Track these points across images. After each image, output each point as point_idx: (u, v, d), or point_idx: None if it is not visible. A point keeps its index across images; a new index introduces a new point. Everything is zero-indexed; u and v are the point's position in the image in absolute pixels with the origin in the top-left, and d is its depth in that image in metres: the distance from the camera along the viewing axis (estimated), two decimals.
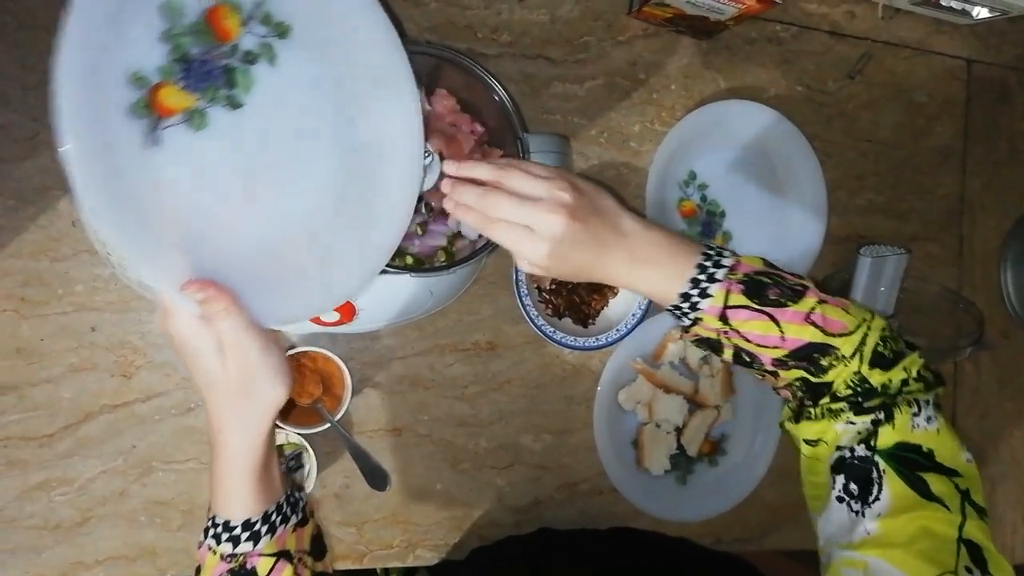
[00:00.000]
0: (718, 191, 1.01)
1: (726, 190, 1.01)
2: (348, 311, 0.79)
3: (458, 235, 0.78)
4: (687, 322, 0.64)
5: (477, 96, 0.77)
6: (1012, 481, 1.16)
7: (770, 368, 0.63)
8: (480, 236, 0.77)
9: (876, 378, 0.60)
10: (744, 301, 0.61)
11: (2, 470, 0.79)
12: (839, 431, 0.61)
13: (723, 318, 0.62)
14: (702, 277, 0.62)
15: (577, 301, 0.94)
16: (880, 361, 0.61)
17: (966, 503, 0.56)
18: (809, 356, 0.61)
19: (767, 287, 0.62)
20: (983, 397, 1.15)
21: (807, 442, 0.64)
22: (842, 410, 0.61)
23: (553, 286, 0.94)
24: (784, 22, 1.03)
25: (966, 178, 1.14)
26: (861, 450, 0.59)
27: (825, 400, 0.62)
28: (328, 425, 0.82)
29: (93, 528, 0.81)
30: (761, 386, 1.00)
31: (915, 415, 0.59)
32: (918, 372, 0.61)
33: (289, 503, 0.62)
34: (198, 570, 0.61)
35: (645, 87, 0.98)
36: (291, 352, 0.81)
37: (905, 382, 0.61)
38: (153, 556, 0.83)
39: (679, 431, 0.98)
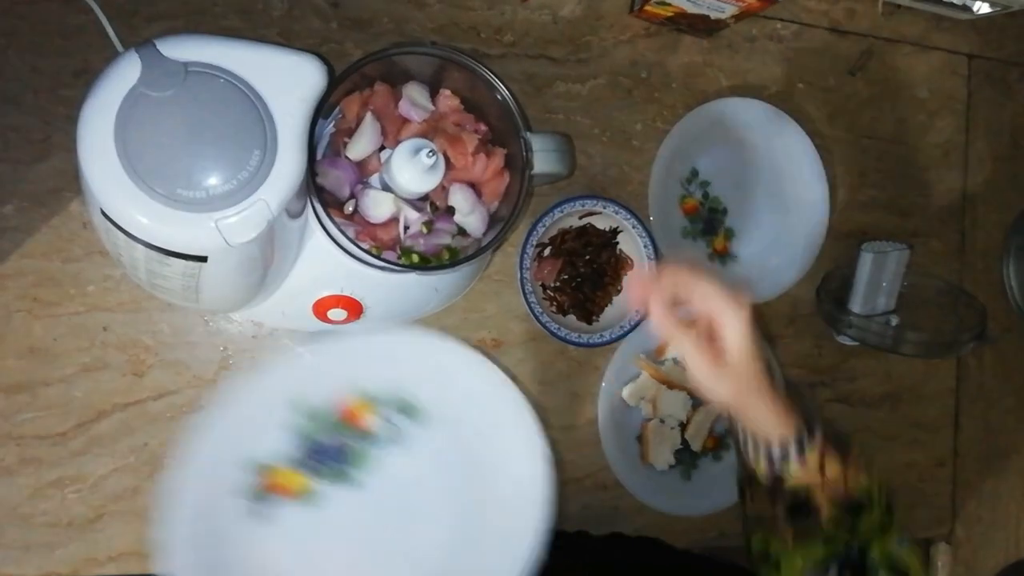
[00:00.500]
0: (720, 188, 1.02)
1: (728, 187, 1.02)
2: (355, 309, 0.80)
3: (463, 233, 0.79)
4: (801, 454, 0.66)
5: (480, 96, 0.78)
6: (1015, 475, 1.17)
7: (820, 520, 0.66)
8: (484, 234, 0.78)
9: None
10: (833, 452, 0.67)
11: (16, 468, 0.80)
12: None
13: (821, 467, 0.66)
14: (808, 424, 0.67)
15: (582, 298, 0.95)
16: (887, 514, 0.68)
17: None
18: (856, 510, 0.66)
19: (836, 432, 0.69)
20: (986, 392, 1.16)
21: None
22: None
23: (557, 283, 0.95)
24: (784, 19, 1.04)
25: (968, 173, 1.14)
26: (852, 552, 0.65)
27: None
28: None
29: (106, 525, 0.83)
30: None
31: (900, 541, 0.66)
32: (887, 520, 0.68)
33: None
34: None
35: (647, 86, 0.99)
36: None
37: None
38: None
39: (683, 426, 0.98)
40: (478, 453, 0.67)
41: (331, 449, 0.63)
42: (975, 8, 1.04)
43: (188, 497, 0.57)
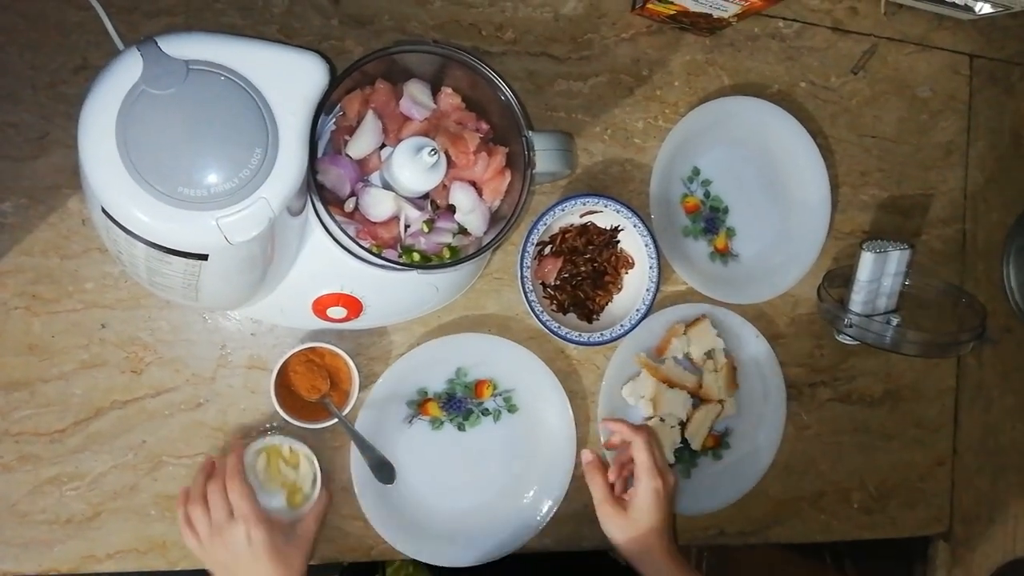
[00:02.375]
0: (721, 187, 1.02)
1: (729, 186, 1.02)
2: (355, 307, 0.80)
3: (463, 232, 0.78)
4: None
5: (482, 94, 0.77)
6: (1013, 474, 1.17)
7: None
8: (485, 232, 0.78)
9: None
10: None
11: (14, 465, 0.80)
12: None
13: None
14: None
15: (582, 297, 0.94)
16: None
17: None
18: None
19: None
20: (986, 391, 1.16)
21: None
22: None
23: (558, 282, 0.94)
24: (787, 18, 1.04)
25: (969, 173, 1.14)
26: None
27: None
28: (335, 420, 0.83)
29: (104, 522, 0.83)
30: (762, 380, 1.01)
31: None
32: None
33: None
34: None
35: (649, 84, 0.98)
36: (299, 348, 0.82)
37: None
38: (163, 549, 0.84)
39: (683, 425, 0.98)
40: (533, 433, 0.95)
41: (460, 403, 0.93)
42: (977, 8, 1.04)
43: (382, 393, 0.88)
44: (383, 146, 0.77)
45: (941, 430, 1.14)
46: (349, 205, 0.75)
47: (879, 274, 1.00)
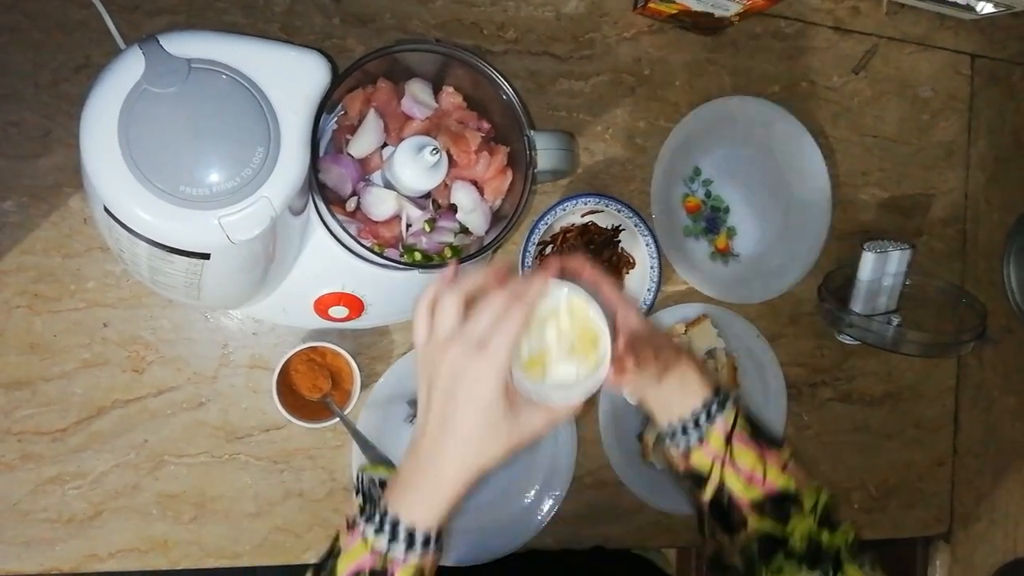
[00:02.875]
0: (723, 187, 1.02)
1: (731, 186, 1.02)
2: (357, 306, 0.80)
3: (465, 231, 0.78)
4: (693, 439, 0.65)
5: (484, 93, 0.78)
6: (1014, 474, 1.17)
7: (744, 514, 0.65)
8: (487, 232, 0.78)
9: (824, 537, 0.63)
10: (746, 427, 0.66)
11: (16, 464, 0.80)
12: None
13: (728, 439, 0.65)
14: (718, 397, 0.66)
15: None
16: (829, 521, 0.64)
17: None
18: (781, 505, 0.64)
19: (760, 425, 0.67)
20: (986, 391, 1.16)
21: None
22: (795, 570, 0.62)
23: None
24: (788, 18, 1.04)
25: (970, 173, 1.14)
26: None
27: (778, 558, 0.63)
28: (337, 419, 0.83)
29: (106, 521, 0.83)
30: (763, 380, 1.01)
31: (860, 567, 0.62)
32: (855, 537, 0.65)
33: (441, 535, 0.60)
34: (333, 547, 0.58)
35: (650, 83, 0.98)
36: (300, 348, 0.82)
37: (847, 544, 0.64)
38: (165, 548, 0.84)
39: None
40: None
41: None
42: (979, 8, 1.04)
43: (384, 392, 0.87)
44: (385, 145, 0.77)
45: (941, 430, 1.14)
46: (351, 204, 0.75)
47: (880, 274, 1.00)
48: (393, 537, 0.56)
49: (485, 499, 0.93)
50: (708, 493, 0.66)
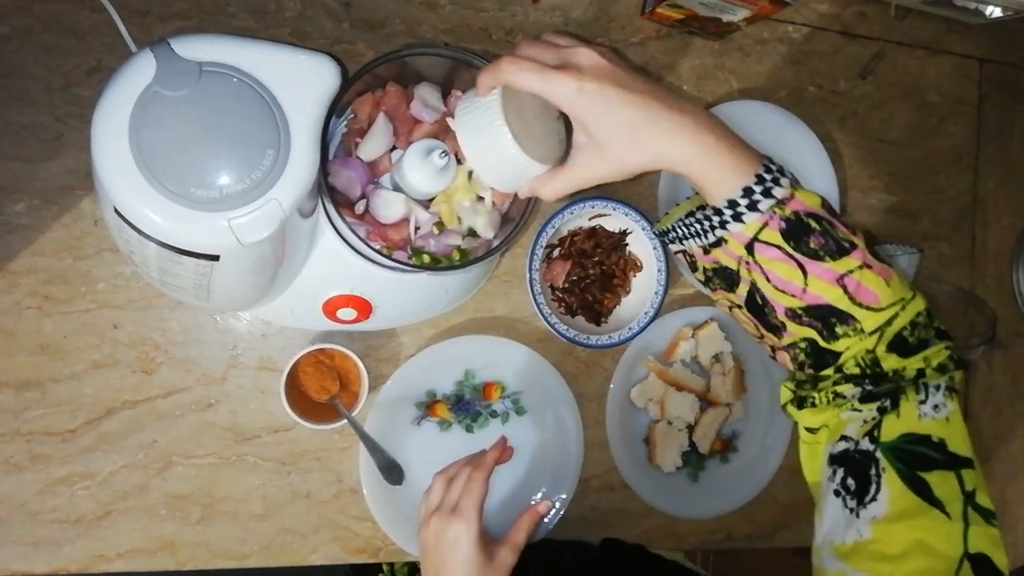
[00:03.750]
0: None
1: None
2: (365, 309, 0.80)
3: (473, 234, 0.79)
4: (711, 238, 0.58)
5: None
6: (1023, 479, 1.16)
7: (780, 318, 0.58)
8: (495, 235, 0.78)
9: (890, 362, 0.56)
10: (779, 241, 0.56)
11: (25, 464, 0.81)
12: (843, 419, 0.58)
13: (749, 248, 0.57)
14: (753, 192, 0.56)
15: (590, 299, 0.94)
16: (900, 346, 0.56)
17: (969, 507, 0.54)
18: (825, 318, 0.56)
19: (811, 233, 0.56)
20: (996, 396, 1.15)
21: (808, 430, 0.61)
22: (845, 396, 0.57)
23: (566, 285, 0.95)
24: (796, 23, 1.04)
25: (978, 177, 1.14)
26: (865, 443, 0.56)
27: (828, 374, 0.58)
28: (344, 421, 0.84)
29: (114, 522, 0.83)
30: (771, 384, 1.01)
31: (922, 403, 0.55)
32: (939, 363, 0.57)
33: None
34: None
35: None
36: (309, 349, 0.83)
37: (922, 372, 0.57)
38: (173, 549, 0.84)
39: (691, 428, 0.98)
40: (541, 435, 0.96)
41: (469, 405, 0.93)
42: (987, 12, 1.04)
43: (392, 394, 0.89)
44: (394, 148, 0.77)
45: None
46: (359, 207, 0.75)
47: None
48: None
49: (491, 502, 0.93)
50: (743, 290, 0.60)
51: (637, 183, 0.98)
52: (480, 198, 0.76)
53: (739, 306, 0.62)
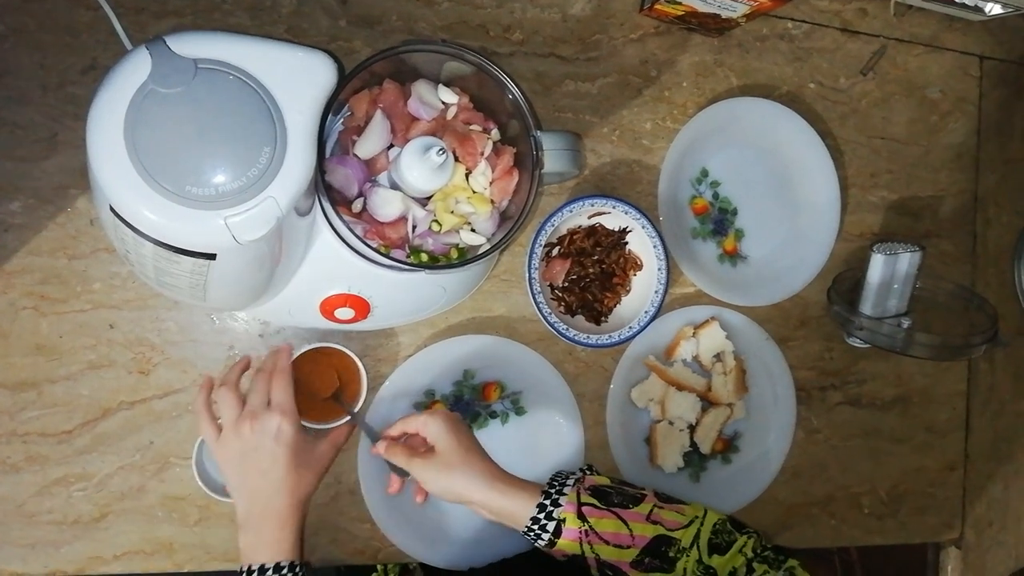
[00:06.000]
0: (730, 188, 1.01)
1: (738, 187, 1.02)
2: (363, 308, 0.80)
3: (471, 232, 0.78)
4: (548, 534, 0.71)
5: (490, 94, 0.77)
6: None
7: (630, 574, 0.71)
8: (493, 233, 0.78)
9: (716, 562, 0.70)
10: (594, 501, 0.73)
11: (22, 465, 0.80)
12: None
13: (581, 516, 0.71)
14: (552, 491, 0.74)
15: (590, 299, 0.94)
16: (716, 549, 0.71)
17: None
18: (658, 548, 0.71)
19: (609, 494, 0.74)
20: (997, 394, 1.15)
21: None
22: None
23: (566, 284, 0.94)
24: (796, 19, 1.04)
25: (979, 175, 1.13)
26: None
27: None
28: (345, 419, 0.83)
29: (111, 523, 0.82)
30: (772, 383, 1.00)
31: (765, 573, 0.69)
32: (755, 551, 0.71)
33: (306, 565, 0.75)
34: None
35: (657, 84, 0.98)
36: (308, 348, 0.82)
37: (748, 565, 0.70)
38: (170, 551, 0.84)
39: (692, 429, 0.98)
40: (541, 435, 0.95)
41: (468, 405, 0.92)
42: (987, 9, 1.04)
43: (390, 394, 0.87)
44: (391, 146, 0.76)
45: (952, 434, 1.13)
46: (357, 205, 0.74)
47: (889, 276, 0.99)
48: None
49: None
50: (594, 572, 0.72)
51: (636, 182, 0.97)
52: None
53: None
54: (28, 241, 0.80)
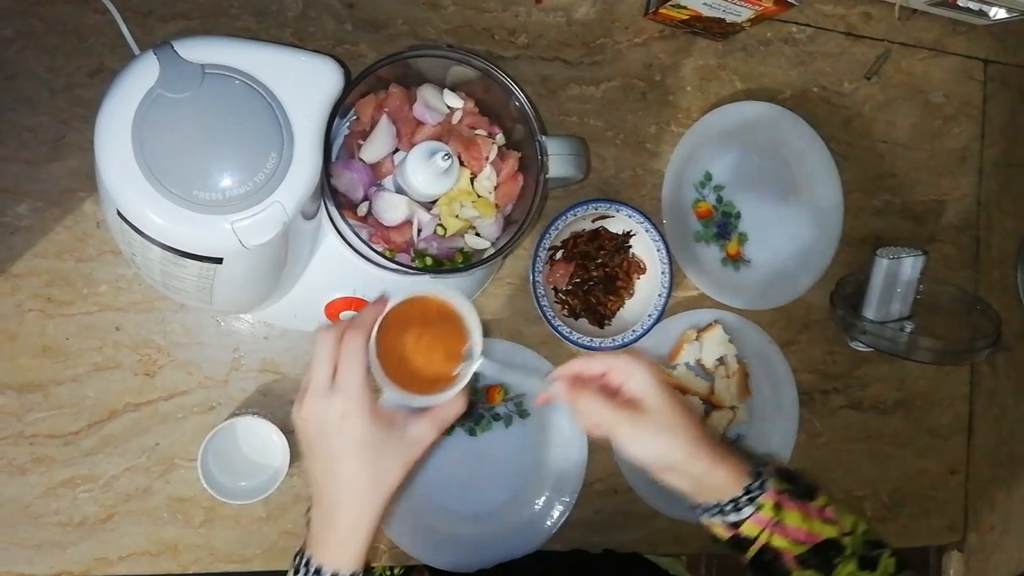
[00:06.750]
0: (734, 192, 1.01)
1: (742, 191, 1.02)
2: None
3: (476, 236, 0.78)
4: (737, 514, 0.65)
5: (495, 99, 0.77)
6: None
7: (787, 567, 0.65)
8: (499, 238, 0.78)
9: None
10: (788, 487, 0.66)
11: (29, 467, 0.81)
12: None
13: (778, 505, 0.64)
14: (761, 471, 0.66)
15: (594, 302, 0.94)
16: (865, 562, 0.65)
17: None
18: (824, 552, 0.65)
19: (797, 480, 0.67)
20: (999, 399, 1.15)
21: None
22: None
23: (569, 287, 0.94)
24: (800, 23, 1.04)
25: (983, 179, 1.14)
26: None
27: None
28: (452, 391, 0.64)
29: (117, 524, 0.83)
30: (774, 387, 1.01)
31: None
32: (894, 569, 0.66)
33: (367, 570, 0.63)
34: None
35: (661, 89, 0.98)
36: (398, 301, 0.64)
37: None
38: (175, 552, 0.84)
39: None
40: (544, 438, 0.95)
41: (471, 408, 0.88)
42: (991, 13, 1.04)
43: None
44: (396, 150, 0.77)
45: (954, 438, 1.13)
46: (362, 209, 0.75)
47: (892, 280, 0.99)
48: None
49: (494, 506, 0.93)
50: (751, 553, 0.66)
51: (640, 185, 0.97)
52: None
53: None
54: (35, 243, 0.80)
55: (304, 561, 0.60)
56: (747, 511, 0.64)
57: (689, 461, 0.63)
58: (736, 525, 0.65)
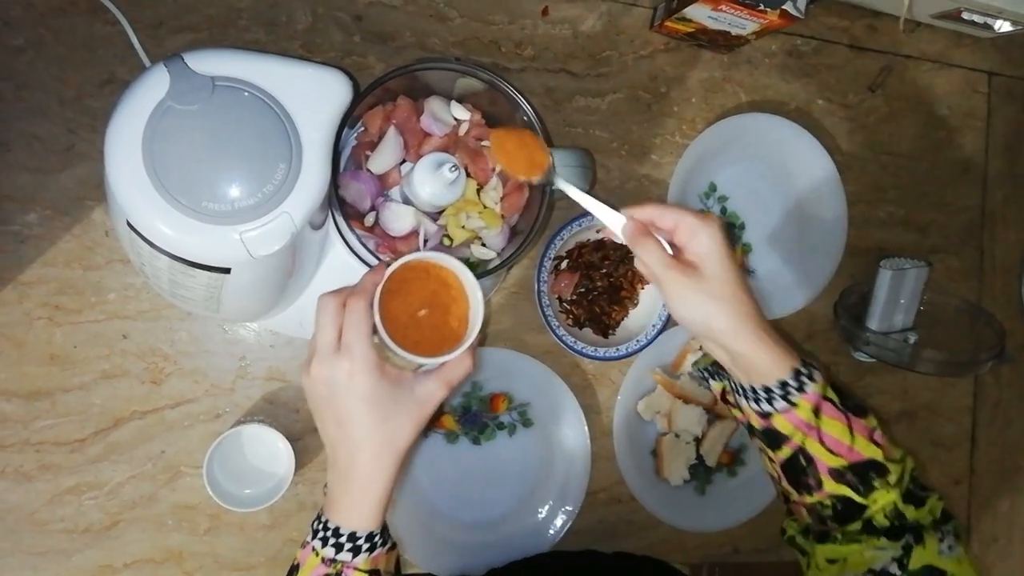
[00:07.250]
0: (738, 203, 1.02)
1: (746, 202, 1.02)
2: None
3: (482, 246, 0.79)
4: (771, 407, 0.62)
5: (502, 110, 0.78)
6: None
7: (821, 477, 0.62)
8: (504, 249, 0.79)
9: (910, 513, 0.61)
10: (834, 398, 0.62)
11: (34, 474, 0.81)
12: (868, 556, 0.61)
13: (816, 410, 0.61)
14: (806, 369, 0.62)
15: (598, 312, 0.94)
16: (911, 497, 0.62)
17: None
18: (865, 473, 0.61)
19: (846, 392, 0.63)
20: (1003, 410, 1.15)
21: (828, 560, 0.63)
22: (870, 537, 0.61)
23: (574, 297, 0.95)
24: (804, 36, 1.04)
25: (987, 191, 1.14)
26: (894, 568, 0.59)
27: (855, 526, 0.62)
28: (458, 350, 0.62)
29: (122, 532, 0.83)
30: None
31: (940, 541, 0.60)
32: (941, 513, 0.63)
33: (385, 531, 0.63)
34: (295, 568, 0.62)
35: (666, 100, 0.99)
36: (398, 265, 0.63)
37: (934, 522, 0.62)
38: (180, 560, 0.84)
39: (698, 441, 0.98)
40: (548, 447, 0.95)
41: (476, 417, 0.93)
42: (996, 26, 1.04)
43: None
44: (404, 161, 0.77)
45: (958, 449, 1.13)
46: (369, 219, 0.75)
47: (896, 292, 1.00)
48: (338, 544, 0.60)
49: (497, 514, 0.93)
50: (785, 453, 0.63)
51: (646, 195, 0.98)
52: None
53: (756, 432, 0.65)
54: (44, 252, 0.81)
55: (323, 524, 0.61)
56: (779, 404, 0.61)
57: (731, 335, 0.61)
58: (766, 416, 0.62)
